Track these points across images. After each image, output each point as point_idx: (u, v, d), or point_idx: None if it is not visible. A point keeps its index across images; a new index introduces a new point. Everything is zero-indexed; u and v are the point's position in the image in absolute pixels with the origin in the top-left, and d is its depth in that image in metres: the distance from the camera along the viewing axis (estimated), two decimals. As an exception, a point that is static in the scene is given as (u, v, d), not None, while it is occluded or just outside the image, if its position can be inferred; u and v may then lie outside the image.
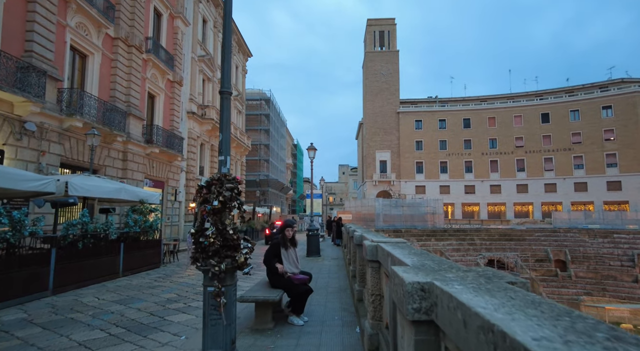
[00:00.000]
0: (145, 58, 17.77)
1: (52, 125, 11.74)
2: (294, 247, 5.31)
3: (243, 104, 36.34)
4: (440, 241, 33.76)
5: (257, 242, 24.52)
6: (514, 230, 37.57)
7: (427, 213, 37.16)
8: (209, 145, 26.89)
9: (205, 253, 2.79)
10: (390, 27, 61.59)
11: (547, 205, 51.81)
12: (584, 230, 34.81)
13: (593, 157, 49.34)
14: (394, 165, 57.21)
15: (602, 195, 48.42)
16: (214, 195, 2.84)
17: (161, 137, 18.41)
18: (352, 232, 7.08)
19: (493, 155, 54.98)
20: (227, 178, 3.01)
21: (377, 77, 59.90)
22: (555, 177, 51.60)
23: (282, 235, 5.21)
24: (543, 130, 52.65)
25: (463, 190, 55.49)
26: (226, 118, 3.39)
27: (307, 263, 12.25)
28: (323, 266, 11.72)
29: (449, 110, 57.76)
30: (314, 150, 14.18)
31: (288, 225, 5.28)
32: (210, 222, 2.80)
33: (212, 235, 2.76)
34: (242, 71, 36.60)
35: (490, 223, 45.42)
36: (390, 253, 2.50)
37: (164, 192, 19.25)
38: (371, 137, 58.37)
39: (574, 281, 29.57)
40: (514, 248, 33.80)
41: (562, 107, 52.00)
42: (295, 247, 5.36)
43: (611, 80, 54.07)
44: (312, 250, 13.74)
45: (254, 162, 41.89)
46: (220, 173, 3.06)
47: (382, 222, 31.62)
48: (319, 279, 8.96)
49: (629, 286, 28.33)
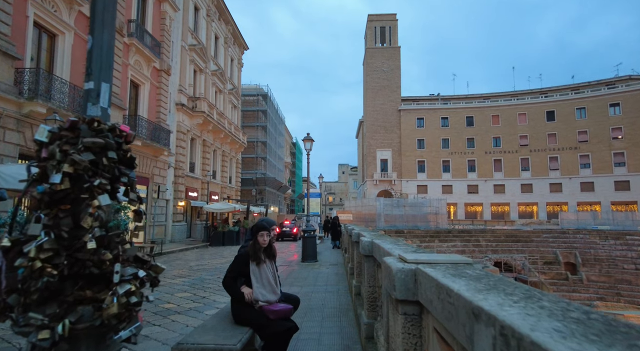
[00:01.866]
0: (127, 42, 16.25)
1: (9, 110, 10.19)
2: (272, 260, 3.57)
3: (239, 99, 34.82)
4: (444, 242, 32.33)
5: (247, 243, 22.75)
6: (521, 231, 36.10)
7: (430, 214, 35.88)
8: (201, 140, 25.35)
9: (25, 295, 1.18)
10: (392, 22, 60.11)
11: (552, 205, 50.33)
12: (594, 231, 33.35)
13: (600, 155, 47.84)
14: (395, 164, 55.74)
15: (610, 195, 46.92)
16: (56, 162, 1.28)
17: (145, 129, 16.89)
18: (358, 237, 5.64)
19: (497, 154, 53.51)
20: (92, 126, 1.42)
21: (378, 73, 58.45)
22: (560, 176, 50.12)
23: (253, 242, 3.42)
24: (548, 129, 51.16)
25: (466, 190, 54.04)
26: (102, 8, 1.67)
27: (301, 270, 10.71)
28: (319, 275, 10.16)
29: (451, 108, 56.30)
30: (310, 141, 12.63)
31: (261, 228, 3.44)
32: (46, 222, 1.33)
33: (43, 253, 1.17)
34: (237, 64, 35.08)
35: (494, 224, 43.98)
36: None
37: (149, 189, 17.73)
38: (372, 135, 56.89)
39: (585, 285, 28.12)
40: (521, 250, 32.33)
41: (568, 104, 50.51)
42: (274, 260, 3.64)
43: (618, 78, 52.62)
44: (308, 254, 12.19)
45: (251, 159, 40.31)
46: (80, 116, 1.46)
47: (384, 222, 30.16)
48: (313, 295, 7.36)
49: (645, 291, 26.88)
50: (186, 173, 22.73)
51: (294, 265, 12.12)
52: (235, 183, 33.33)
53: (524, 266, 30.00)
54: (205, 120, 24.03)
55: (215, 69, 28.08)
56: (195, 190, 24.17)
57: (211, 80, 27.49)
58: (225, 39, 31.14)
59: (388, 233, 29.95)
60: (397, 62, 58.79)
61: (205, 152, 26.04)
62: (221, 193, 29.40)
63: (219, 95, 29.69)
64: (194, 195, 23.97)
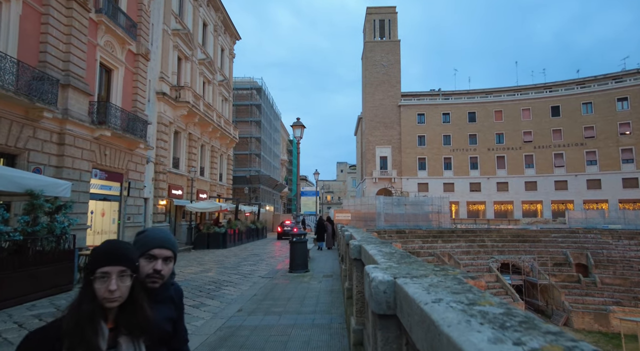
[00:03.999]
0: (95, 19, 14.34)
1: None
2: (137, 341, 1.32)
3: (230, 91, 32.89)
4: (448, 243, 30.58)
5: (234, 246, 20.87)
6: (527, 230, 34.38)
7: (432, 213, 34.29)
8: (186, 133, 23.46)
9: None
10: (391, 15, 58.27)
11: (557, 203, 48.66)
12: (605, 230, 31.64)
13: (607, 152, 46.13)
14: (395, 162, 53.96)
15: (618, 192, 45.21)
16: None
17: (119, 119, 14.98)
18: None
19: (500, 151, 51.80)
20: None
21: (377, 68, 56.63)
22: (566, 173, 48.40)
23: (135, 280, 1.33)
24: (553, 124, 49.45)
25: (468, 188, 52.33)
26: None
27: (287, 286, 8.81)
28: (309, 292, 8.15)
29: (453, 103, 54.52)
30: (300, 127, 10.71)
31: (146, 247, 1.55)
32: None
33: None
34: (229, 55, 33.17)
35: (498, 223, 42.30)
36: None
37: (122, 185, 15.83)
38: (371, 132, 55.08)
39: (599, 288, 26.38)
40: (529, 251, 30.60)
41: (574, 99, 48.76)
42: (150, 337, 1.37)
43: (626, 71, 50.84)
44: (297, 263, 10.24)
45: (244, 156, 38.41)
46: None
47: (384, 222, 28.40)
48: (294, 332, 5.31)
49: (662, 295, 25.14)
50: (169, 169, 20.84)
51: (279, 276, 10.33)
52: (227, 181, 31.44)
53: (533, 268, 28.24)
54: (191, 111, 22.12)
55: (203, 57, 26.18)
56: (179, 188, 22.28)
57: (198, 70, 25.59)
58: (215, 27, 29.22)
59: (389, 233, 28.18)
60: (396, 56, 57.00)
61: (192, 146, 24.13)
62: (210, 192, 27.53)
63: (208, 86, 27.79)
64: (179, 194, 22.08)
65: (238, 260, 15.13)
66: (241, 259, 15.57)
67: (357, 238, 4.67)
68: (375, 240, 4.49)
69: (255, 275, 11.14)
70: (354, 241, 4.07)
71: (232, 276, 11.14)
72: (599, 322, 23.89)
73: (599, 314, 24.09)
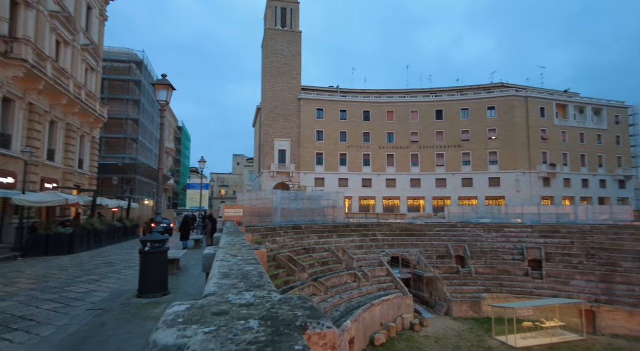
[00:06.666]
0: None
1: None
2: None
3: (98, 59, 26.87)
4: (343, 237, 30.14)
5: (87, 251, 15.80)
6: (414, 224, 36.20)
7: (328, 207, 33.68)
8: (24, 103, 17.77)
9: None
10: (293, 5, 56.66)
11: (438, 199, 53.27)
12: (479, 224, 35.03)
13: (479, 154, 52.08)
14: (293, 156, 52.62)
15: (485, 190, 51.42)
16: None
17: None
18: None
19: (390, 149, 54.58)
20: None
21: (278, 58, 54.46)
22: (445, 172, 53.27)
23: None
24: (437, 127, 53.89)
25: (361, 184, 54.03)
26: None
27: (123, 323, 5.87)
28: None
29: (350, 101, 55.60)
30: (166, 87, 7.50)
31: None
32: None
33: None
34: (99, 16, 27.09)
35: (387, 217, 44.01)
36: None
37: None
38: (270, 124, 52.72)
39: (474, 277, 28.73)
40: (416, 244, 32.08)
41: (455, 105, 53.89)
42: None
43: (493, 84, 58.27)
44: (152, 283, 6.94)
45: (117, 140, 32.23)
46: None
47: (280, 217, 26.37)
48: None
49: (521, 280, 28.48)
50: (-7, 149, 15.28)
51: (116, 308, 6.76)
52: (90, 169, 25.60)
53: (420, 261, 29.49)
54: (30, 73, 16.68)
55: (57, 10, 20.39)
56: (11, 175, 16.70)
57: (49, 24, 19.79)
58: (77, -25, 23.30)
59: (285, 229, 26.26)
60: (297, 48, 55.65)
61: (34, 121, 18.44)
62: (64, 181, 21.84)
63: (65, 48, 21.92)
64: (10, 182, 16.53)
65: (76, 274, 10.99)
66: (83, 272, 11.39)
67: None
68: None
69: (86, 301, 7.68)
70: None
71: (43, 306, 7.47)
72: (474, 309, 25.78)
73: (473, 302, 26.01)
